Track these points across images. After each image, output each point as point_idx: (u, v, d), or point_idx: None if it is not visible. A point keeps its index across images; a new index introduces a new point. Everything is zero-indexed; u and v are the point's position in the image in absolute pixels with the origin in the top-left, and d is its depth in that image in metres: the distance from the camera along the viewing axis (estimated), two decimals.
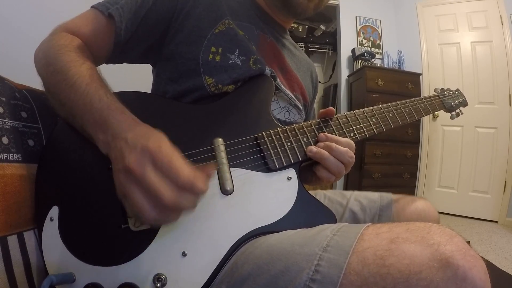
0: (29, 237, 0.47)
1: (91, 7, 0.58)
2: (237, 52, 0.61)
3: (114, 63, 0.64)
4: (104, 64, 0.63)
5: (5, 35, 1.45)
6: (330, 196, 0.79)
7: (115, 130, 0.42)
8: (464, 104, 0.88)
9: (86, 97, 0.45)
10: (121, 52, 0.60)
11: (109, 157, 0.43)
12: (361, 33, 3.20)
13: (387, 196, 0.74)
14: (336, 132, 0.59)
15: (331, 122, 0.60)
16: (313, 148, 0.55)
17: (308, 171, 0.60)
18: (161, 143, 0.38)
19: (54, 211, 0.45)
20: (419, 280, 0.32)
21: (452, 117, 0.87)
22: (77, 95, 0.45)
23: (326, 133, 0.57)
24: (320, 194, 0.81)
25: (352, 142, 0.57)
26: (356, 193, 0.79)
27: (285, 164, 0.53)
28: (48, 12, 1.49)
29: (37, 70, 0.52)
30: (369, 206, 0.73)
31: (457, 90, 0.90)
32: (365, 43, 3.20)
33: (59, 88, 0.47)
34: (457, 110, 0.87)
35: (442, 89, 0.87)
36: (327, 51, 3.80)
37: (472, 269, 0.32)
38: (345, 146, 0.55)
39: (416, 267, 0.33)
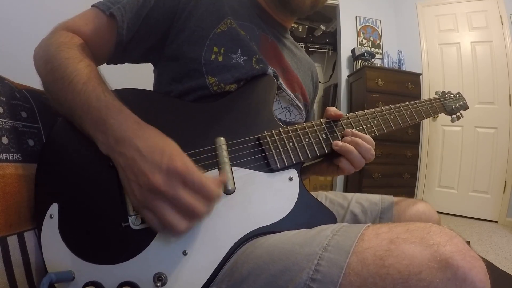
0: (29, 237, 0.47)
1: (92, 6, 0.58)
2: (239, 52, 0.61)
3: (116, 63, 0.64)
4: (105, 64, 0.63)
5: (5, 35, 1.45)
6: (331, 198, 0.79)
7: (116, 132, 0.42)
8: (465, 107, 0.88)
9: (83, 95, 0.44)
10: (122, 52, 0.60)
11: (110, 157, 0.43)
12: (361, 33, 3.20)
13: (388, 198, 0.74)
14: (338, 133, 0.59)
15: (333, 123, 0.60)
16: (338, 142, 0.57)
17: (326, 162, 0.63)
18: (186, 162, 0.40)
19: (54, 209, 0.45)
20: (418, 281, 0.32)
21: (452, 120, 0.88)
22: (74, 93, 0.45)
23: (353, 130, 0.59)
24: (321, 196, 0.81)
25: (372, 140, 0.59)
26: (358, 195, 0.79)
27: (286, 164, 0.53)
28: (48, 12, 1.49)
29: (36, 68, 0.52)
30: (370, 208, 0.73)
31: (458, 93, 0.90)
32: (365, 43, 3.19)
33: (57, 87, 0.47)
34: (458, 113, 0.87)
35: (443, 92, 0.88)
36: (327, 51, 3.80)
37: (472, 270, 0.32)
38: (368, 143, 0.58)
39: (416, 268, 0.33)
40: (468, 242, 0.36)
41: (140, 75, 1.00)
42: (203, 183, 0.39)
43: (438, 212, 0.70)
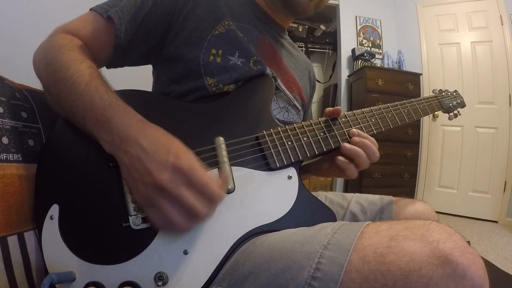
0: (29, 237, 0.47)
1: (90, 9, 0.58)
2: (237, 54, 0.61)
3: (115, 66, 0.64)
4: (104, 68, 0.63)
5: (5, 35, 1.46)
6: (331, 198, 0.79)
7: (121, 130, 0.42)
8: (462, 105, 0.89)
9: (86, 96, 0.45)
10: (122, 55, 0.60)
11: (114, 157, 0.43)
12: (361, 33, 3.20)
13: (387, 198, 0.75)
14: (336, 132, 0.59)
15: (331, 122, 0.60)
16: (347, 145, 0.57)
17: (327, 162, 0.62)
18: (191, 162, 0.40)
19: (54, 210, 0.45)
20: (419, 277, 0.33)
21: (450, 118, 0.88)
22: (77, 94, 0.45)
23: (360, 131, 0.59)
24: (321, 196, 0.81)
25: (375, 142, 0.59)
26: (357, 195, 0.79)
27: (285, 163, 0.53)
28: (49, 13, 1.50)
29: (36, 72, 0.52)
30: (370, 208, 0.73)
31: (455, 91, 0.90)
32: (365, 43, 3.20)
33: (59, 88, 0.47)
34: (455, 111, 0.87)
35: (440, 90, 0.88)
36: (327, 51, 3.79)
37: (471, 266, 0.32)
38: (374, 145, 0.57)
39: (416, 264, 0.33)
40: (468, 242, 0.36)
41: (138, 76, 1.00)
42: (206, 184, 0.39)
43: (438, 212, 0.70)
